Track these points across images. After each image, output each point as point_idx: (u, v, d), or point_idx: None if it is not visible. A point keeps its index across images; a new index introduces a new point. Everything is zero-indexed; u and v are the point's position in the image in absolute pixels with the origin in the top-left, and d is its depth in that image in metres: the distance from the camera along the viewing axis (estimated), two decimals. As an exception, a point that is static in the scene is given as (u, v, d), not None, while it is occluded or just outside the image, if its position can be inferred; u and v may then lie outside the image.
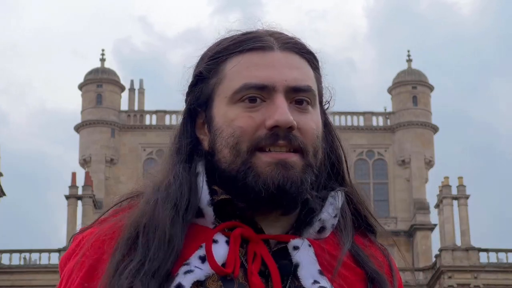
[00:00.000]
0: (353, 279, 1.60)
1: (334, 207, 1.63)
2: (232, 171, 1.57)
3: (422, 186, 51.43)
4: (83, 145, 51.78)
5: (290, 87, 1.58)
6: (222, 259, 1.55)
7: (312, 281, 1.56)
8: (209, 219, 1.59)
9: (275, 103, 1.56)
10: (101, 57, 54.31)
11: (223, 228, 1.58)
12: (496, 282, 40.73)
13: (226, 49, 1.62)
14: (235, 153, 1.57)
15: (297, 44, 1.63)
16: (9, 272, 40.75)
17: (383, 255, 1.68)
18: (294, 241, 1.58)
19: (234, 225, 1.58)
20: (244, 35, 1.63)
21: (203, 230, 1.59)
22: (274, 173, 1.54)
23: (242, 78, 1.58)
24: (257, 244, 1.57)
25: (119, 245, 1.56)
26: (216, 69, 1.62)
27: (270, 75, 1.57)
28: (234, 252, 1.55)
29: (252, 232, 1.58)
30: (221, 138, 1.59)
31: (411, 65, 54.50)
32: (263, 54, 1.60)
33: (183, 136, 1.65)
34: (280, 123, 1.54)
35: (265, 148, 1.56)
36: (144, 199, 1.62)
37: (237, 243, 1.56)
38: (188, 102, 1.67)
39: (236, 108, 1.58)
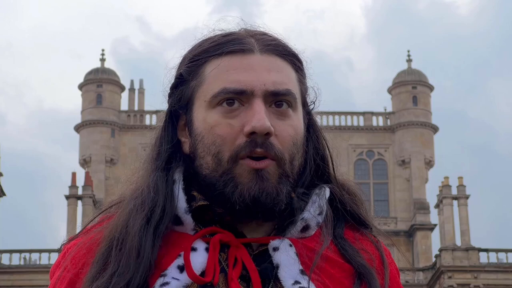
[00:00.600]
0: (339, 276, 1.58)
1: (317, 205, 1.62)
2: (213, 179, 1.56)
3: (422, 186, 51.40)
4: (83, 145, 51.76)
5: (269, 92, 1.56)
6: (201, 267, 1.54)
7: (292, 282, 1.54)
8: (188, 226, 1.59)
9: (252, 109, 1.55)
10: (101, 57, 54.29)
11: (202, 235, 1.57)
12: (496, 282, 40.72)
13: (206, 51, 1.61)
14: (217, 161, 1.56)
15: (278, 46, 1.62)
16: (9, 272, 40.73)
17: (375, 248, 1.66)
18: (273, 242, 1.57)
19: (213, 230, 1.57)
20: (224, 37, 1.61)
21: (183, 237, 1.58)
22: (251, 184, 1.53)
23: (221, 82, 1.57)
24: (238, 248, 1.56)
25: (95, 259, 1.56)
26: (196, 71, 1.61)
27: (248, 79, 1.56)
28: (213, 260, 1.54)
29: (232, 236, 1.57)
30: (203, 144, 1.58)
31: (411, 65, 54.48)
32: (243, 57, 1.58)
33: (164, 139, 1.64)
34: (257, 129, 1.53)
35: (245, 156, 1.54)
36: (121, 210, 1.62)
37: (216, 249, 1.55)
38: (169, 104, 1.66)
39: (215, 113, 1.57)
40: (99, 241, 1.59)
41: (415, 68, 54.27)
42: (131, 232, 1.55)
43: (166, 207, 1.57)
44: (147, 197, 1.58)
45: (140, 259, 1.52)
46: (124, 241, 1.55)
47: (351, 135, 52.11)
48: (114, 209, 1.67)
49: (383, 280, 1.61)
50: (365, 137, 52.47)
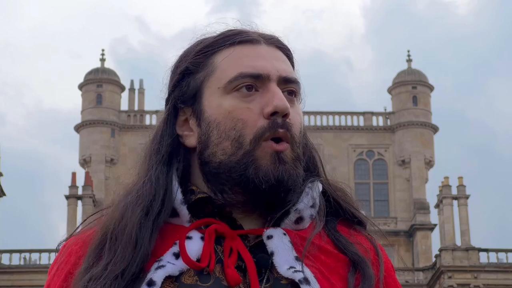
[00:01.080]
0: (334, 265, 1.60)
1: (310, 196, 1.64)
2: (231, 163, 1.58)
3: (422, 186, 51.42)
4: (83, 145, 51.78)
5: (282, 77, 1.61)
6: (197, 254, 1.56)
7: (287, 267, 1.56)
8: (184, 218, 1.61)
9: (270, 91, 1.59)
10: (101, 57, 54.31)
11: (198, 226, 1.59)
12: (496, 282, 40.72)
13: (215, 43, 1.64)
14: (238, 145, 1.58)
15: (278, 41, 1.68)
16: (9, 272, 40.74)
17: (370, 243, 1.68)
18: (268, 231, 1.59)
19: (209, 222, 1.59)
20: (229, 31, 1.66)
21: (178, 228, 1.60)
22: (274, 165, 1.57)
23: (236, 67, 1.60)
24: (233, 239, 1.58)
25: (89, 251, 1.58)
26: (205, 62, 1.64)
27: (263, 65, 1.60)
28: (208, 247, 1.56)
29: (227, 228, 1.59)
30: (219, 130, 1.59)
31: (411, 65, 54.50)
32: (253, 47, 1.63)
33: (165, 134, 1.66)
34: (279, 108, 1.57)
35: (267, 138, 1.58)
36: (114, 204, 1.63)
37: (211, 238, 1.57)
38: (172, 99, 1.67)
39: (231, 99, 1.59)
40: (93, 235, 1.61)
41: (415, 68, 54.29)
42: (128, 223, 1.57)
43: (165, 201, 1.59)
44: (148, 190, 1.60)
45: (138, 248, 1.54)
46: (120, 232, 1.57)
47: (351, 135, 52.13)
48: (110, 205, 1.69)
49: (378, 271, 1.63)
50: (365, 137, 52.47)
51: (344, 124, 52.54)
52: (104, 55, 54.33)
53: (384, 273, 1.64)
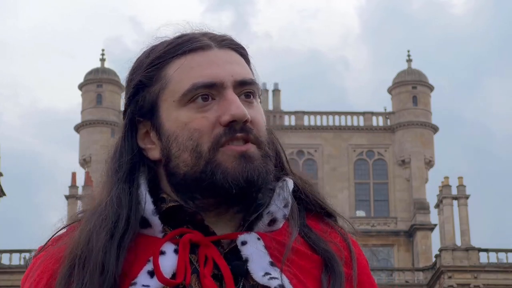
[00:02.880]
0: (308, 267, 1.60)
1: (282, 197, 1.63)
2: (195, 173, 1.57)
3: (422, 186, 51.42)
4: (83, 145, 51.80)
5: (237, 81, 1.59)
6: (171, 270, 1.54)
7: (263, 274, 1.55)
8: (156, 228, 1.59)
9: (227, 99, 1.57)
10: (101, 57, 54.33)
11: (171, 237, 1.57)
12: (496, 282, 40.74)
13: (166, 54, 1.62)
14: (197, 155, 1.56)
15: (231, 41, 1.65)
16: (9, 272, 40.75)
17: (343, 239, 1.67)
18: (241, 237, 1.58)
19: (182, 232, 1.58)
20: (179, 38, 1.63)
21: (152, 240, 1.58)
22: (241, 166, 1.55)
23: (188, 79, 1.58)
24: (208, 247, 1.57)
25: (59, 279, 1.55)
26: (158, 75, 1.61)
27: (216, 73, 1.58)
28: (183, 260, 1.55)
29: (201, 236, 1.57)
30: (178, 143, 1.58)
31: (411, 65, 54.51)
32: (204, 53, 1.60)
33: (125, 150, 1.64)
34: (237, 117, 1.55)
35: (225, 144, 1.56)
36: (81, 226, 1.61)
37: (186, 249, 1.56)
38: (128, 114, 1.65)
39: (187, 110, 1.57)
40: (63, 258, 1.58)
41: (415, 68, 54.29)
42: (94, 249, 1.55)
43: (130, 219, 1.57)
44: (110, 211, 1.58)
45: (105, 275, 1.52)
46: (87, 258, 1.55)
47: (351, 135, 52.13)
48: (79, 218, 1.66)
49: (351, 270, 1.62)
50: (365, 137, 52.48)
51: (344, 124, 52.52)
52: (104, 55, 54.39)
53: (358, 270, 1.64)
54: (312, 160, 50.68)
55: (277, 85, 54.39)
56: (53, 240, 1.65)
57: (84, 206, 1.67)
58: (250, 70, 1.65)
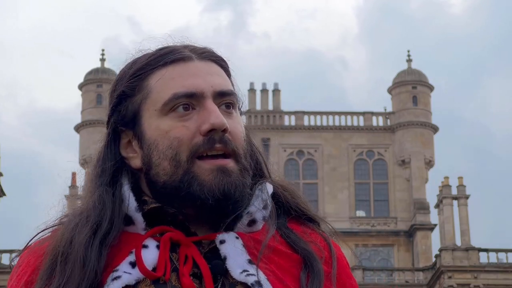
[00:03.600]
0: (288, 266, 1.62)
1: (261, 199, 1.66)
2: (174, 182, 1.60)
3: (422, 186, 51.43)
4: (83, 145, 51.81)
5: (217, 92, 1.63)
6: (153, 263, 1.57)
7: (240, 271, 1.58)
8: (139, 226, 1.62)
9: (206, 108, 1.61)
10: (101, 57, 54.35)
11: (153, 234, 1.61)
12: (496, 282, 40.74)
13: (148, 65, 1.66)
14: (175, 164, 1.60)
15: (211, 53, 1.69)
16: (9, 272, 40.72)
17: (324, 240, 1.70)
18: (220, 236, 1.61)
19: (164, 230, 1.61)
20: (161, 50, 1.67)
21: (134, 237, 1.61)
22: (218, 179, 1.59)
23: (169, 89, 1.62)
24: (188, 247, 1.60)
25: (41, 272, 1.59)
26: (140, 85, 1.66)
27: (196, 83, 1.62)
28: (164, 256, 1.58)
29: (182, 235, 1.60)
30: (158, 151, 1.61)
31: (411, 65, 54.52)
32: (185, 65, 1.65)
33: (107, 158, 1.67)
34: (216, 125, 1.59)
35: (203, 154, 1.60)
36: (64, 225, 1.64)
37: (166, 247, 1.59)
38: (112, 123, 1.68)
39: (169, 119, 1.61)
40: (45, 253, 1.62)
41: (415, 68, 54.31)
42: (76, 245, 1.58)
43: (114, 218, 1.61)
44: (93, 211, 1.62)
45: (86, 268, 1.55)
46: (69, 254, 1.58)
47: (351, 135, 52.13)
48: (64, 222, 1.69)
49: (331, 268, 1.65)
50: (365, 137, 52.49)
51: (344, 124, 52.53)
52: (104, 55, 54.39)
53: (338, 270, 1.66)
54: (312, 160, 50.67)
55: (277, 85, 54.35)
56: (37, 242, 1.68)
57: (69, 210, 1.71)
58: (231, 82, 1.69)
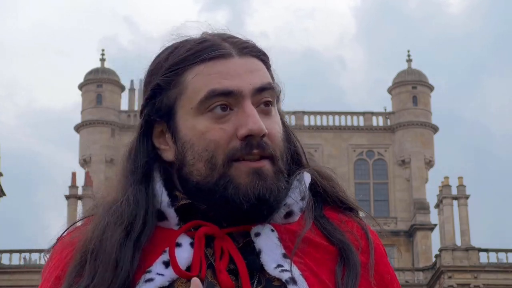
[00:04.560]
0: (323, 258, 1.59)
1: (298, 190, 1.63)
2: (208, 184, 1.57)
3: (422, 186, 51.41)
4: (83, 145, 51.79)
5: (256, 88, 1.58)
6: (187, 262, 1.55)
7: (275, 266, 1.55)
8: (172, 221, 1.60)
9: (245, 111, 1.56)
10: (101, 57, 54.33)
11: (187, 229, 1.58)
12: (496, 282, 40.73)
13: (185, 60, 1.60)
14: (211, 166, 1.56)
15: (252, 47, 1.63)
16: (9, 272, 40.76)
17: (361, 228, 1.67)
18: (255, 228, 1.58)
19: (197, 224, 1.58)
20: (200, 44, 1.61)
21: (168, 232, 1.59)
22: (253, 183, 1.55)
23: (206, 86, 1.57)
24: (223, 239, 1.57)
25: (70, 269, 1.57)
26: (176, 80, 1.60)
27: (234, 82, 1.57)
28: (198, 254, 1.55)
29: (216, 228, 1.58)
30: (193, 151, 1.58)
31: (411, 65, 54.51)
32: (224, 62, 1.59)
33: (140, 151, 1.64)
34: (254, 131, 1.55)
35: (240, 158, 1.56)
36: (94, 222, 1.62)
37: (201, 243, 1.56)
38: (145, 115, 1.64)
39: (205, 120, 1.57)
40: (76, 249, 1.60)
41: (415, 68, 54.29)
42: (108, 245, 1.55)
43: (147, 217, 1.58)
44: (127, 209, 1.59)
45: (118, 271, 1.53)
46: (99, 253, 1.56)
47: (351, 135, 52.11)
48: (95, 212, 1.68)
49: (368, 259, 1.62)
50: (365, 137, 52.46)
51: (344, 124, 52.50)
52: (104, 55, 54.37)
53: (376, 259, 1.63)
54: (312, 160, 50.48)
55: (277, 85, 54.28)
56: (69, 232, 1.67)
57: (98, 200, 1.68)
58: (270, 75, 1.65)
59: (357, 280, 1.57)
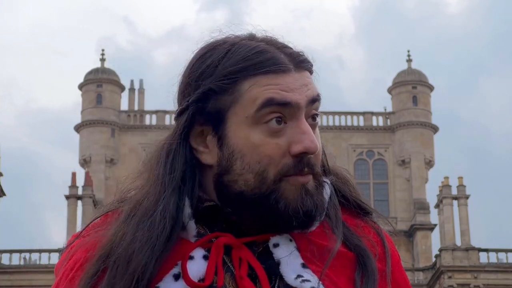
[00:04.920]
0: (341, 266, 1.59)
1: None
2: (255, 196, 1.55)
3: (422, 186, 51.43)
4: (83, 145, 51.79)
5: (309, 100, 1.57)
6: (198, 274, 1.53)
7: (295, 276, 1.54)
8: (190, 233, 1.57)
9: (300, 127, 1.55)
10: (101, 57, 54.34)
11: (204, 242, 1.56)
12: (496, 282, 40.74)
13: (245, 69, 1.57)
14: (261, 179, 1.54)
15: (307, 61, 1.62)
16: (9, 272, 40.76)
17: (377, 234, 1.66)
18: (273, 239, 1.57)
19: (214, 236, 1.57)
20: (259, 54, 1.58)
21: (183, 245, 1.57)
22: (301, 198, 1.55)
23: (264, 95, 1.55)
24: (240, 249, 1.56)
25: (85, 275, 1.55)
26: (232, 87, 1.57)
27: (291, 94, 1.56)
28: (213, 264, 1.54)
29: (233, 238, 1.57)
30: (243, 162, 1.55)
31: (411, 65, 54.53)
32: (283, 76, 1.57)
33: (179, 155, 1.60)
34: (310, 150, 1.54)
35: (290, 175, 1.55)
36: (117, 225, 1.58)
37: (220, 253, 1.55)
38: (188, 116, 1.60)
39: (260, 132, 1.55)
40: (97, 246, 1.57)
41: (415, 68, 54.31)
42: (134, 259, 1.53)
43: (173, 233, 1.55)
44: (158, 222, 1.55)
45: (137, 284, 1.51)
46: (121, 263, 1.53)
47: (351, 135, 52.13)
48: (115, 206, 1.65)
49: (385, 266, 1.62)
50: (365, 137, 52.48)
51: (344, 124, 52.53)
52: (104, 55, 54.38)
53: (392, 266, 1.63)
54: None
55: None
56: (88, 229, 1.64)
57: (122, 194, 1.65)
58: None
59: (375, 287, 1.57)
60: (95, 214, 1.68)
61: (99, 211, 1.68)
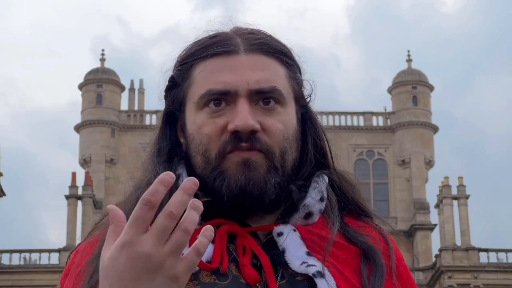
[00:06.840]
0: (345, 257, 1.61)
1: (317, 190, 1.64)
2: (204, 176, 1.58)
3: (422, 186, 51.41)
4: (83, 145, 51.76)
5: (253, 90, 1.59)
6: (207, 257, 1.54)
7: (300, 263, 1.56)
8: None
9: (236, 107, 1.58)
10: (101, 57, 54.32)
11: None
12: (496, 282, 40.73)
13: (193, 54, 1.64)
14: (205, 160, 1.59)
15: (264, 44, 1.63)
16: (9, 272, 40.75)
17: (379, 233, 1.69)
18: (277, 228, 1.59)
19: (219, 222, 1.59)
20: (211, 39, 1.64)
21: None
22: (238, 174, 1.56)
23: (206, 84, 1.60)
24: (245, 238, 1.58)
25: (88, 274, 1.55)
26: (186, 74, 1.64)
27: (233, 80, 1.58)
28: (219, 248, 1.55)
29: (237, 227, 1.59)
30: (193, 145, 1.61)
31: (410, 65, 54.50)
32: (227, 59, 1.60)
33: (162, 139, 1.67)
34: (239, 127, 1.56)
35: (231, 151, 1.57)
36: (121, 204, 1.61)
37: (223, 238, 1.56)
38: (166, 106, 1.69)
39: (203, 114, 1.60)
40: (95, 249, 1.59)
41: (415, 68, 54.29)
42: None
43: None
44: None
45: None
46: None
47: (351, 135, 52.10)
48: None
49: (389, 261, 1.64)
50: (365, 137, 52.47)
51: (344, 124, 52.52)
52: (104, 55, 54.35)
53: (396, 262, 1.65)
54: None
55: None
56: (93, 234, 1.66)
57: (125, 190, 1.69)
58: (286, 74, 1.64)
59: (383, 280, 1.59)
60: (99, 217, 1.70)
61: (102, 215, 1.69)
